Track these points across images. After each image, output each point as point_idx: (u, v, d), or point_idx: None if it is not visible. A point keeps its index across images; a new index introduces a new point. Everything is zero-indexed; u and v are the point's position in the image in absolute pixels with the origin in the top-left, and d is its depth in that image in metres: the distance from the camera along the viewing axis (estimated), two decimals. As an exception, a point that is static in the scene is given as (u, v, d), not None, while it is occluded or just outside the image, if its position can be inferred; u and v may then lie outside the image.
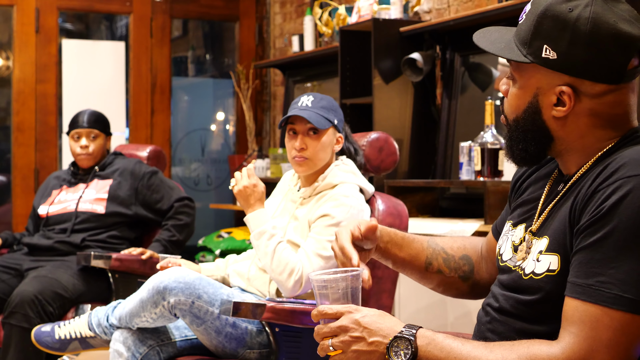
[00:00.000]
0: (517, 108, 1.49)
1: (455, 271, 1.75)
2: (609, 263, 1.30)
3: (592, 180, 1.38)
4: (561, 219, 1.42)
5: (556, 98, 1.44)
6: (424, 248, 1.74)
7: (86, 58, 5.72)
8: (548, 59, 1.42)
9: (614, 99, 1.43)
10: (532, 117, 1.47)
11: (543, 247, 1.44)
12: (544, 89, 1.45)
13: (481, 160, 3.56)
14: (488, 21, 3.86)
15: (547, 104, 1.45)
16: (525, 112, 1.48)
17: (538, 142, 1.49)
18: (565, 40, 1.40)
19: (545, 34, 1.42)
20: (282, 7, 6.03)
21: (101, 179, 3.73)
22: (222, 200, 6.23)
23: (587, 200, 1.36)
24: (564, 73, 1.42)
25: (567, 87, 1.42)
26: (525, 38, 1.45)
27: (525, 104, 1.48)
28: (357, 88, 4.47)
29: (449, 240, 1.78)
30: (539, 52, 1.43)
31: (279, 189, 2.87)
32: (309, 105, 2.63)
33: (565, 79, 1.42)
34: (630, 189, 1.31)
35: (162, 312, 2.39)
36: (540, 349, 1.34)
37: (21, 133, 5.48)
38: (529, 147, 1.50)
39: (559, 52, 1.41)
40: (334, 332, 1.44)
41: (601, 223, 1.32)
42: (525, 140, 1.50)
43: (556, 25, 1.41)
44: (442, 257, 1.74)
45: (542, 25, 1.43)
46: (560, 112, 1.44)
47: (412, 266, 1.72)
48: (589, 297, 1.31)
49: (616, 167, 1.35)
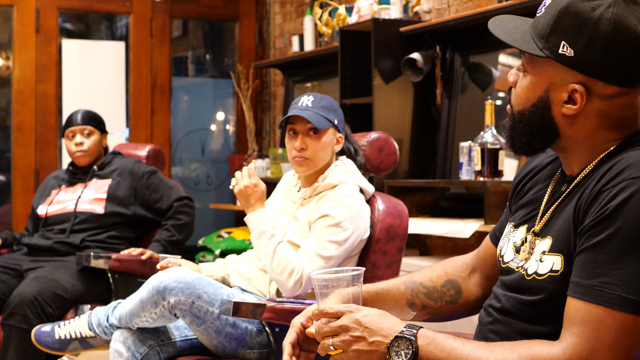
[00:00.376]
0: (527, 100, 1.48)
1: (440, 300, 1.74)
2: (612, 264, 1.30)
3: (597, 181, 1.37)
4: (565, 219, 1.42)
5: (567, 95, 1.43)
6: (401, 293, 1.73)
7: (86, 58, 5.72)
8: (564, 55, 1.41)
9: (624, 101, 1.42)
10: (541, 112, 1.46)
11: (546, 247, 1.44)
12: (556, 85, 1.44)
13: (481, 160, 3.56)
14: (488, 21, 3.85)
15: (558, 100, 1.44)
16: (534, 105, 1.47)
17: (543, 137, 1.48)
18: (583, 39, 1.39)
19: (564, 30, 1.41)
20: (282, 7, 6.03)
21: (100, 179, 3.73)
22: (222, 200, 6.23)
23: (592, 200, 1.36)
24: (579, 71, 1.41)
25: (580, 86, 1.41)
26: (542, 32, 1.44)
27: (535, 97, 1.46)
28: (357, 88, 4.47)
29: (428, 272, 1.77)
30: (555, 48, 1.42)
31: (279, 189, 2.87)
32: (309, 105, 2.63)
33: (579, 77, 1.41)
34: (635, 191, 1.30)
35: (162, 312, 2.39)
36: (541, 349, 1.34)
37: (21, 133, 5.48)
38: (533, 141, 1.50)
39: (577, 50, 1.40)
40: (334, 332, 1.44)
41: (605, 224, 1.32)
42: (531, 133, 1.49)
43: (576, 23, 1.40)
44: (423, 293, 1.74)
45: (562, 21, 1.41)
46: (570, 110, 1.43)
47: (396, 313, 1.69)
48: (592, 298, 1.31)
49: (621, 168, 1.34)
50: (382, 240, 2.66)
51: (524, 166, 1.68)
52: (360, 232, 2.58)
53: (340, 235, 2.52)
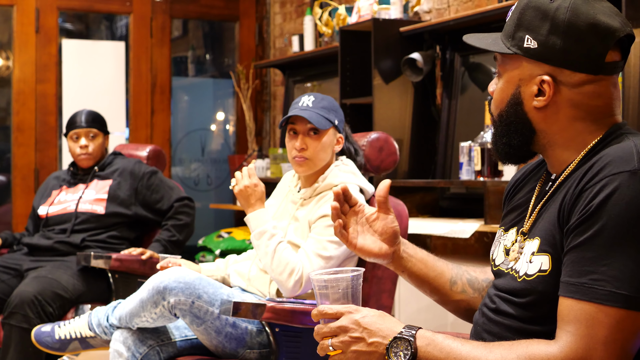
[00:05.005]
0: (501, 102, 1.52)
1: (479, 292, 1.74)
2: (600, 260, 1.31)
3: (579, 179, 1.39)
4: (550, 219, 1.43)
5: (537, 88, 1.46)
6: (448, 267, 1.74)
7: (86, 58, 5.72)
8: (529, 48, 1.45)
9: (593, 89, 1.44)
10: (515, 109, 1.50)
11: (535, 248, 1.45)
12: (525, 79, 1.48)
13: (481, 160, 3.56)
14: (488, 21, 3.86)
15: (528, 94, 1.48)
16: (508, 104, 1.50)
17: (521, 134, 1.51)
18: (545, 29, 1.44)
19: (527, 24, 1.46)
20: (282, 7, 6.03)
21: (101, 179, 3.73)
22: (222, 200, 6.23)
23: (575, 199, 1.38)
24: (544, 62, 1.45)
25: (548, 77, 1.45)
26: (509, 31, 1.49)
27: (508, 96, 1.50)
28: (357, 88, 4.47)
29: (470, 266, 1.79)
30: (521, 43, 1.46)
31: (279, 189, 2.87)
32: (309, 105, 2.63)
33: (545, 68, 1.45)
34: (616, 187, 1.32)
35: (162, 312, 2.39)
36: (538, 348, 1.34)
37: (21, 133, 5.48)
38: (512, 141, 1.52)
39: (539, 41, 1.44)
40: (333, 332, 1.45)
41: (590, 221, 1.33)
42: (509, 133, 1.52)
43: (537, 15, 1.45)
44: (467, 277, 1.74)
45: (524, 16, 1.47)
46: (540, 102, 1.46)
47: (436, 284, 1.71)
48: (583, 296, 1.32)
49: (602, 166, 1.36)
50: (381, 241, 2.66)
51: (515, 174, 1.70)
52: (360, 232, 2.58)
53: (340, 235, 2.52)
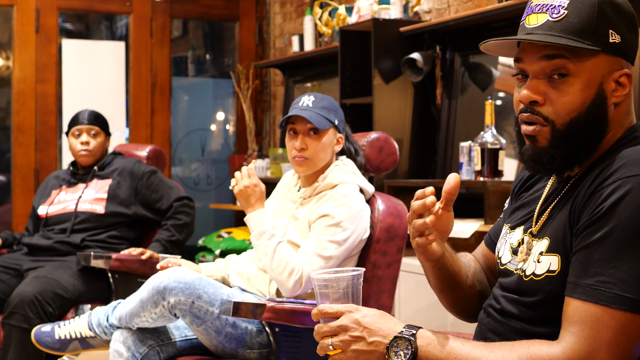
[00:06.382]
0: (582, 103, 1.41)
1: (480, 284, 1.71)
2: (608, 263, 1.30)
3: (592, 180, 1.38)
4: (561, 219, 1.42)
5: (615, 84, 1.43)
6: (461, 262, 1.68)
7: (86, 58, 5.72)
8: (615, 43, 1.42)
9: None
10: (598, 109, 1.42)
11: (544, 248, 1.44)
12: (606, 76, 1.43)
13: (481, 160, 3.55)
14: (488, 21, 3.86)
15: (609, 91, 1.44)
16: (591, 104, 1.42)
17: (595, 137, 1.43)
18: (623, 24, 1.42)
19: (608, 19, 1.41)
20: (282, 7, 6.03)
21: (100, 179, 3.73)
22: (222, 200, 6.23)
23: (587, 200, 1.36)
24: (622, 57, 1.43)
25: (625, 70, 1.43)
26: (584, 28, 1.41)
27: (591, 96, 1.42)
28: (357, 88, 4.47)
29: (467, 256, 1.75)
30: (606, 39, 1.41)
31: (278, 189, 2.87)
32: (309, 105, 2.63)
33: (620, 62, 1.43)
34: (629, 189, 1.31)
35: (162, 312, 2.39)
36: (540, 349, 1.34)
37: (21, 133, 5.48)
38: (579, 147, 1.43)
39: (622, 35, 1.42)
40: (333, 332, 1.44)
41: (600, 223, 1.32)
42: (580, 139, 1.42)
43: (615, 10, 1.42)
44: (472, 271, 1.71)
45: (604, 12, 1.41)
46: (620, 97, 1.43)
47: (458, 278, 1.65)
48: (589, 297, 1.31)
49: (615, 168, 1.35)
50: (382, 240, 2.66)
51: (522, 170, 1.65)
52: (360, 232, 2.58)
53: (340, 235, 2.52)
